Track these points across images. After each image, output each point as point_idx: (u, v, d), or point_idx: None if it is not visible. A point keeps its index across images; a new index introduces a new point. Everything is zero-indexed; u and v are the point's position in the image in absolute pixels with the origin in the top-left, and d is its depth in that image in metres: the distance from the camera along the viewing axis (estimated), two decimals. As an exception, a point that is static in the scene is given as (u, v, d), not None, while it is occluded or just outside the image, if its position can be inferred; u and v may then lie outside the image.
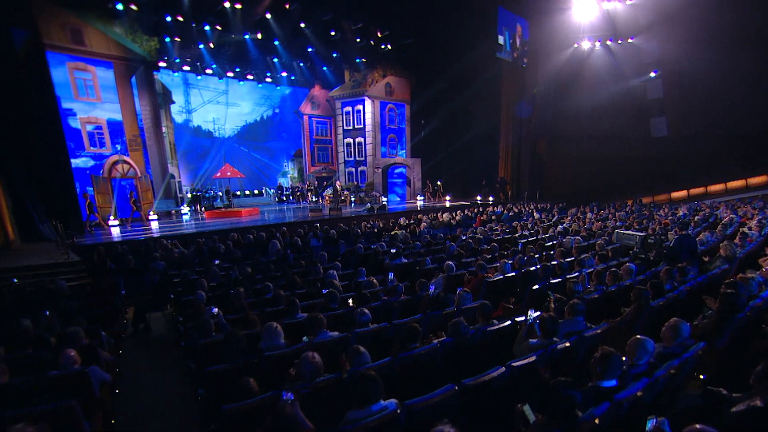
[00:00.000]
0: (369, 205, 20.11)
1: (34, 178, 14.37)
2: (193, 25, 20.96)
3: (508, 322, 4.77)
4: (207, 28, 21.26)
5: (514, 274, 7.40)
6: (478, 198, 26.33)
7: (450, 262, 7.83)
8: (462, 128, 26.29)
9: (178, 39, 21.95)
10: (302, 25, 22.12)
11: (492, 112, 25.81)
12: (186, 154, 25.06)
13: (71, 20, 17.09)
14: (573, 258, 8.32)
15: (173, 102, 23.98)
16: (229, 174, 19.91)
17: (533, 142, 27.31)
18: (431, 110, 26.91)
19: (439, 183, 27.19)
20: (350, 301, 5.85)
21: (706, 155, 22.29)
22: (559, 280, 6.91)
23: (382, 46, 25.30)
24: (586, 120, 25.13)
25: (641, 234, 9.87)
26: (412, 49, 25.73)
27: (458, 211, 18.48)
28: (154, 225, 17.74)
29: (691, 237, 7.80)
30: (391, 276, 6.77)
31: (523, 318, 4.58)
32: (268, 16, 21.12)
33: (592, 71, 24.73)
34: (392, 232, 13.47)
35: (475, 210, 19.61)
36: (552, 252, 9.01)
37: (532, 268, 7.57)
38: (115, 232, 15.80)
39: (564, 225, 14.26)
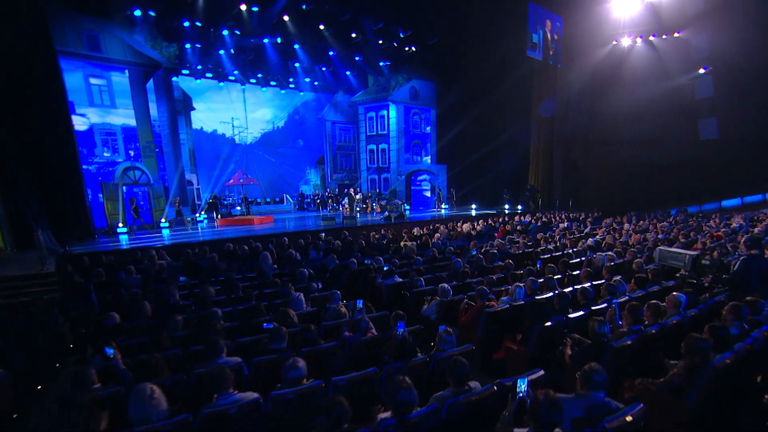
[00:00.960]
0: (387, 213, 18.69)
1: (39, 184, 13.74)
2: (211, 30, 20.30)
3: (492, 388, 3.22)
4: (225, 32, 20.54)
5: (524, 302, 5.80)
6: (506, 207, 24.40)
7: (446, 285, 6.31)
8: (490, 132, 24.48)
9: (198, 45, 21.44)
10: (321, 27, 21.04)
11: (522, 114, 23.92)
12: (207, 161, 24.43)
13: (89, 26, 16.62)
14: (603, 281, 6.59)
15: (194, 108, 23.45)
16: (241, 181, 19.02)
17: (566, 147, 25.15)
18: (458, 114, 25.22)
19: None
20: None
21: (763, 159, 19.59)
22: (581, 313, 5.25)
23: (406, 48, 23.92)
24: (625, 122, 22.81)
25: (692, 253, 7.82)
26: (437, 51, 24.19)
27: (480, 221, 16.77)
28: (165, 233, 16.94)
29: (764, 258, 5.92)
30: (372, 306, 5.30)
31: (512, 383, 3.03)
32: (286, 18, 20.15)
33: (632, 69, 22.44)
34: (401, 243, 11.98)
35: (500, 219, 17.86)
36: (577, 272, 7.29)
37: (548, 295, 5.93)
38: (123, 240, 15.07)
39: (596, 237, 12.38)
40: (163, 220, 17.94)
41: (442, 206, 24.14)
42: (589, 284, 6.35)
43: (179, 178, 20.61)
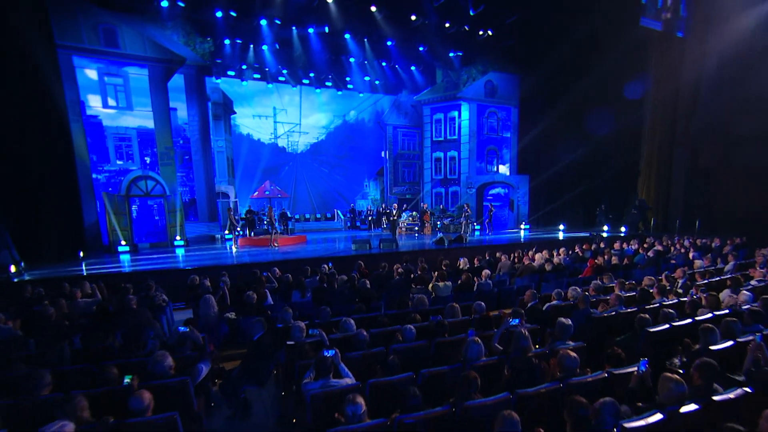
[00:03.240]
0: (440, 236, 14.97)
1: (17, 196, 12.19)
2: (248, 20, 18.34)
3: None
4: (263, 22, 18.46)
5: None
6: (605, 228, 19.37)
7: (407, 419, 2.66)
8: (586, 133, 19.82)
9: (239, 41, 19.70)
10: (373, 8, 18.14)
11: (629, 107, 18.92)
12: (249, 172, 22.56)
13: (106, 20, 15.28)
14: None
15: (234, 113, 21.77)
16: (267, 193, 16.60)
17: (694, 148, 19.33)
18: (544, 112, 20.90)
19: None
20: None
21: None
22: None
23: (480, 32, 20.23)
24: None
25: None
26: (518, 33, 20.13)
27: (561, 249, 12.47)
28: (179, 252, 14.89)
29: None
30: None
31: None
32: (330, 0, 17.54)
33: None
34: (430, 285, 8.35)
35: (591, 247, 13.40)
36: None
37: None
38: (123, 260, 13.14)
39: (752, 284, 7.77)
40: (178, 237, 15.95)
41: (522, 226, 20.41)
42: None
43: (208, 190, 18.72)
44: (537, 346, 5.22)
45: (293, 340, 4.87)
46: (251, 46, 20.19)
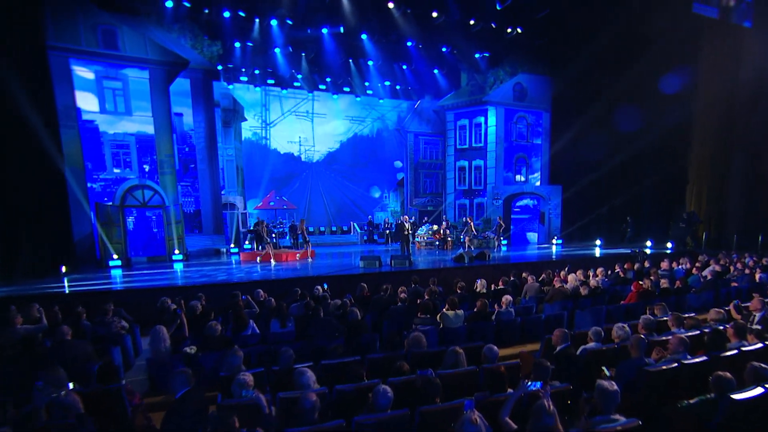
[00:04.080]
0: (461, 252, 13.48)
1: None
2: (258, 20, 17.55)
3: None
4: (274, 22, 17.60)
5: None
6: (648, 245, 17.44)
7: None
8: (626, 137, 18.09)
9: (249, 43, 18.91)
10: (390, 5, 17.01)
11: (677, 106, 17.04)
12: (261, 181, 21.65)
13: (106, 20, 14.65)
14: None
15: (245, 119, 20.96)
16: (272, 204, 15.51)
17: (753, 152, 17.20)
18: (578, 116, 19.23)
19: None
20: None
21: None
22: None
23: (509, 30, 18.83)
24: None
25: None
26: (550, 29, 18.62)
27: (598, 269, 10.84)
28: (177, 267, 13.95)
29: None
30: None
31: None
32: (343, -2, 16.52)
33: None
34: (438, 316, 6.95)
35: (634, 266, 11.71)
36: None
37: None
38: (112, 276, 12.22)
39: None
40: (176, 251, 15.01)
41: (553, 242, 19.18)
42: None
43: (214, 201, 17.81)
44: (567, 417, 3.76)
45: (225, 404, 3.58)
46: (262, 47, 19.38)
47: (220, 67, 18.82)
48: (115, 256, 13.62)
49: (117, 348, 6.42)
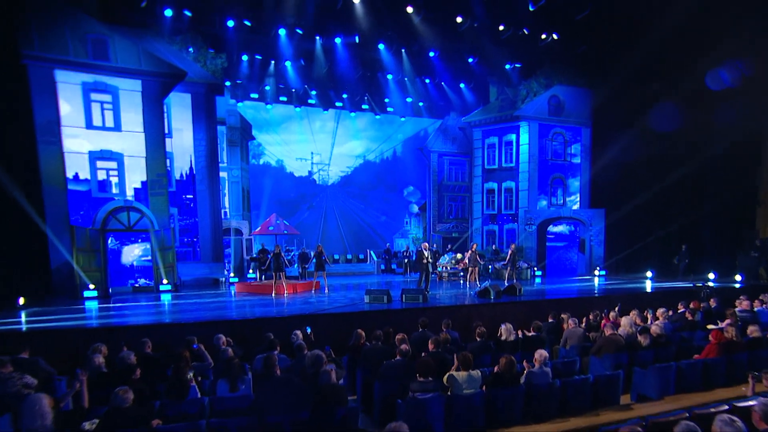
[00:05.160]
0: (487, 284, 11.51)
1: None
2: (265, 30, 16.53)
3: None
4: (282, 32, 16.55)
5: None
6: (710, 277, 15.06)
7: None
8: (680, 154, 16.05)
9: (258, 57, 17.99)
10: (409, 9, 15.68)
11: (748, 114, 14.95)
12: (270, 205, 20.49)
13: (97, 29, 13.80)
14: None
15: (253, 138, 19.97)
16: (271, 229, 14.03)
17: None
18: (623, 130, 17.42)
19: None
20: None
21: None
22: None
23: (543, 36, 17.23)
24: None
25: None
26: (591, 33, 16.92)
27: (659, 310, 8.79)
28: (165, 299, 12.59)
29: None
30: None
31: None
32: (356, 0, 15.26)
33: None
34: (444, 378, 5.12)
35: (700, 305, 9.60)
36: None
37: None
38: (86, 309, 10.85)
39: None
40: (165, 281, 13.64)
41: (596, 273, 17.32)
42: None
43: (213, 225, 16.52)
44: None
45: None
46: (272, 62, 18.40)
47: (228, 83, 18.09)
48: (92, 286, 12.29)
49: (6, 416, 4.84)
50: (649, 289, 13.85)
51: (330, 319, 9.12)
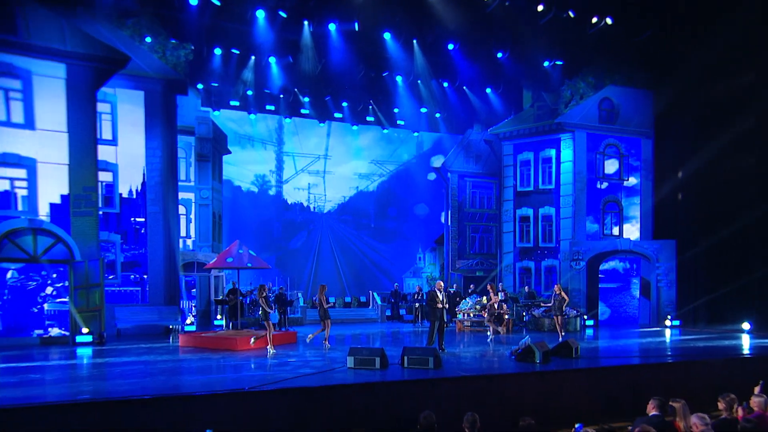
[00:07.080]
0: (526, 342, 7.96)
1: None
2: (240, 12, 13.94)
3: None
4: (260, 13, 13.92)
5: None
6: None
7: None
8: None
9: (236, 51, 15.46)
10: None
11: None
12: (251, 235, 18.03)
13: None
14: None
15: (228, 152, 17.57)
16: (229, 261, 10.83)
17: None
18: (697, 142, 15.10)
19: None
20: None
21: None
22: None
23: (593, 20, 14.43)
24: None
25: None
26: (656, 18, 14.24)
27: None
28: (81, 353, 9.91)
29: None
30: None
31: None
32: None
33: None
34: None
35: None
36: None
37: None
38: None
39: None
40: (84, 330, 10.49)
41: (667, 323, 14.99)
42: None
43: (168, 258, 13.47)
44: None
45: None
46: (252, 57, 15.82)
47: (200, 86, 16.13)
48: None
49: None
50: (745, 349, 10.70)
51: (274, 399, 5.71)
